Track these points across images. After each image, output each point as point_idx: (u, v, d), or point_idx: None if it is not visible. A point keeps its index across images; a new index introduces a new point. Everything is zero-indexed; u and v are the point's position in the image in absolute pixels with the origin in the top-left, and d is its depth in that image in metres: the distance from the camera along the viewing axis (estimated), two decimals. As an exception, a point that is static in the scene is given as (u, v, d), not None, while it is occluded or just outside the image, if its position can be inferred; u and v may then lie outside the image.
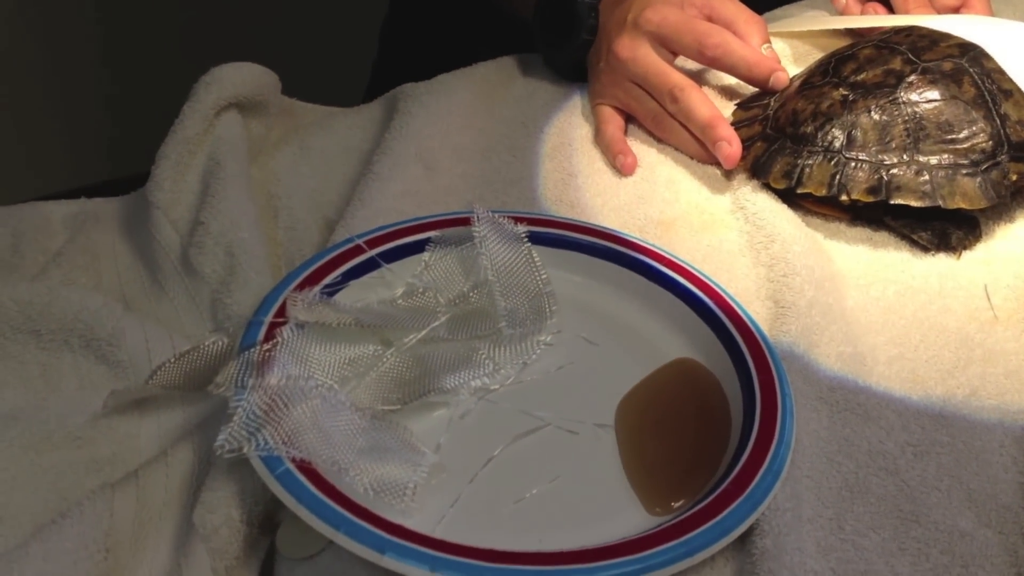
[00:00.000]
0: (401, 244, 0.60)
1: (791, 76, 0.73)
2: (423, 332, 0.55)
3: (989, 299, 0.61)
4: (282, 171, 0.72)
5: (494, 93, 0.81)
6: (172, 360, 0.56)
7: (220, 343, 0.57)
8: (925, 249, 0.65)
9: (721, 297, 0.57)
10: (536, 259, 0.60)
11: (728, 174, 0.70)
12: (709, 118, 0.69)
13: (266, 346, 0.51)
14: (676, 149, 0.73)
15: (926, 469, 0.50)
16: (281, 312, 0.54)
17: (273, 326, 0.53)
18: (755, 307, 0.60)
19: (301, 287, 0.55)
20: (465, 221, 0.60)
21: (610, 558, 0.43)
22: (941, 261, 0.64)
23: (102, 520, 0.46)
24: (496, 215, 0.60)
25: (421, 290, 0.58)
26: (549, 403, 0.53)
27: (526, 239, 0.60)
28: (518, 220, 0.61)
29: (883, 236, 0.67)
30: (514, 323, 0.57)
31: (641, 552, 0.44)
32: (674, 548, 0.44)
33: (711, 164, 0.72)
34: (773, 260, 0.62)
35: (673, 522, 0.46)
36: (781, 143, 0.68)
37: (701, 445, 0.52)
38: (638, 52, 0.73)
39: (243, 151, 0.69)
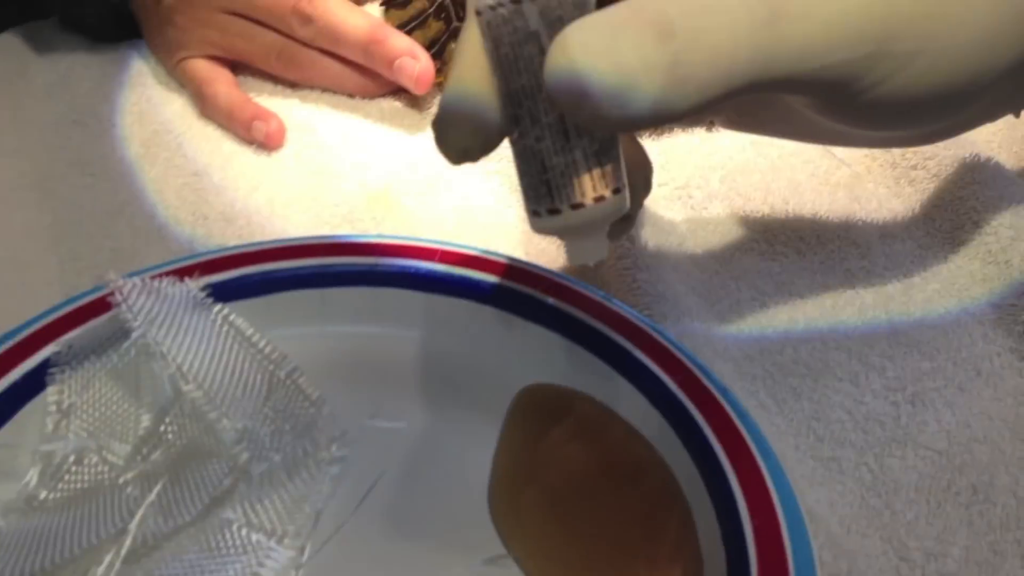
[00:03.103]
0: (6, 387, 0.32)
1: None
2: (127, 541, 0.29)
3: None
4: None
5: (11, 88, 0.52)
6: None
7: None
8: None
9: (555, 282, 0.37)
10: (244, 326, 0.35)
11: (420, 100, 0.49)
12: (368, 31, 0.48)
13: None
14: (326, 90, 0.51)
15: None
16: None
17: None
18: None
19: None
20: (98, 308, 0.34)
21: None
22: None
23: None
24: (145, 278, 0.35)
25: (71, 459, 0.32)
26: (398, 552, 0.31)
27: (211, 300, 0.35)
28: (182, 273, 0.36)
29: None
30: (261, 448, 0.33)
31: None
32: None
33: (386, 94, 0.50)
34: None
35: None
36: (478, 36, 0.48)
37: (645, 529, 0.32)
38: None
39: None
